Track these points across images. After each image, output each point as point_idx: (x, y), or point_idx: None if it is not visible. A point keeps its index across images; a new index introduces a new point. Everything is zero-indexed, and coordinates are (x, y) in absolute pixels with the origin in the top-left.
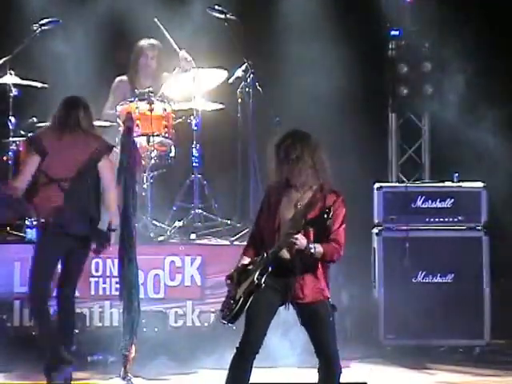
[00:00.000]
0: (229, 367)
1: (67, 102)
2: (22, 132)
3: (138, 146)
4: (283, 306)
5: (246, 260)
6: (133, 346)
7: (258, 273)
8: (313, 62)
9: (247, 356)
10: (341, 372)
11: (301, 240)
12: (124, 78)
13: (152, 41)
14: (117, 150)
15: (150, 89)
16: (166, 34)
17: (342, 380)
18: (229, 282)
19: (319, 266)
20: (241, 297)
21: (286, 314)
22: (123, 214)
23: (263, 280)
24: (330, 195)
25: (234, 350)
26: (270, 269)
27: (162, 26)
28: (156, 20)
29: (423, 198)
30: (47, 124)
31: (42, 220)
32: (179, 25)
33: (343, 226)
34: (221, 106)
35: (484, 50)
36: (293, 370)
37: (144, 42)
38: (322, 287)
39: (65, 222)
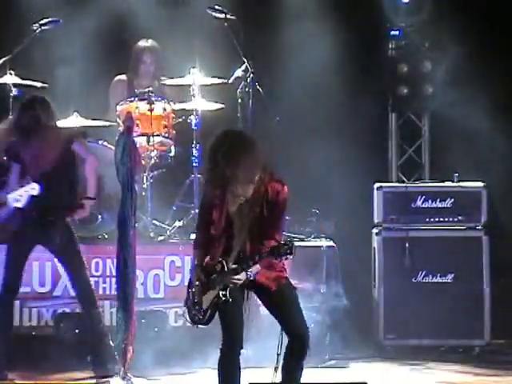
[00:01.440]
0: (220, 368)
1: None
2: None
3: (138, 145)
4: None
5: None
6: (131, 345)
7: (221, 289)
8: (312, 62)
9: (235, 353)
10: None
11: (240, 279)
12: (123, 77)
13: (151, 42)
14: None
15: (150, 88)
16: None
17: (341, 380)
18: (197, 283)
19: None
20: (208, 309)
21: None
22: (121, 214)
23: (228, 295)
24: (272, 185)
25: (218, 352)
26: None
27: None
28: None
29: (423, 197)
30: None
31: None
32: (179, 25)
33: (283, 218)
34: (221, 106)
35: (484, 50)
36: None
37: (143, 44)
38: (278, 272)
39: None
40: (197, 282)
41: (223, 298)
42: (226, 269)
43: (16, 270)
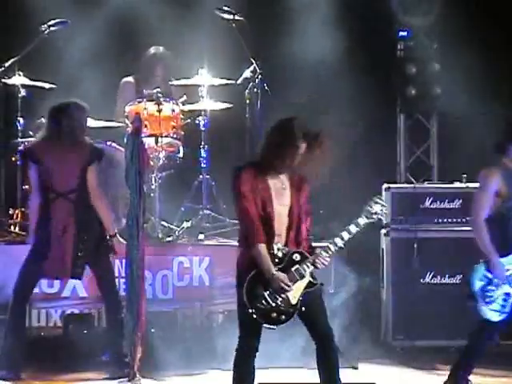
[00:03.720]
0: (241, 368)
1: (53, 111)
2: (31, 133)
3: (147, 146)
4: None
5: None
6: (140, 346)
7: (307, 273)
8: (320, 63)
9: (254, 354)
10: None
11: (330, 256)
12: (130, 79)
13: (163, 52)
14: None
15: (158, 89)
16: None
17: (350, 380)
18: (290, 282)
19: None
20: (297, 302)
21: None
22: (129, 215)
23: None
24: (298, 175)
25: (240, 352)
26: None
27: None
28: None
29: (431, 198)
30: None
31: None
32: (187, 26)
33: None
34: (229, 107)
35: (493, 50)
36: (292, 370)
37: (155, 55)
38: None
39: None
40: (284, 283)
41: (317, 284)
42: (309, 254)
43: (35, 272)
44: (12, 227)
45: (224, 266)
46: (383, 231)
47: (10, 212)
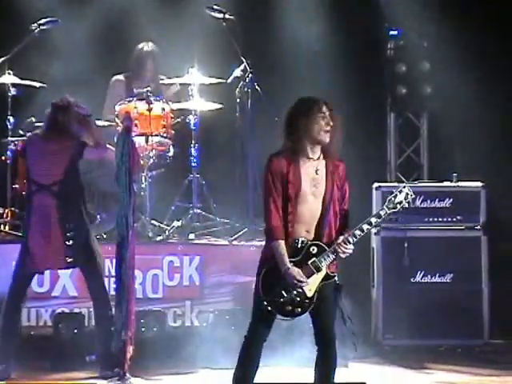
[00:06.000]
0: (248, 356)
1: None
2: (21, 132)
3: (137, 145)
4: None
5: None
6: (130, 345)
7: (324, 265)
8: (311, 62)
9: (262, 341)
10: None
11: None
12: (120, 77)
13: (152, 47)
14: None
15: (149, 88)
16: None
17: (340, 380)
18: (304, 278)
19: None
20: (313, 295)
21: None
22: (119, 214)
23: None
24: (336, 162)
25: (249, 340)
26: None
27: None
28: None
29: (422, 197)
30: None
31: None
32: (177, 25)
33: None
34: (219, 106)
35: (483, 49)
36: (292, 370)
37: (145, 49)
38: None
39: None
40: (297, 278)
41: (334, 276)
42: (328, 245)
43: (26, 266)
44: (2, 226)
45: (214, 266)
46: (373, 230)
47: (0, 211)
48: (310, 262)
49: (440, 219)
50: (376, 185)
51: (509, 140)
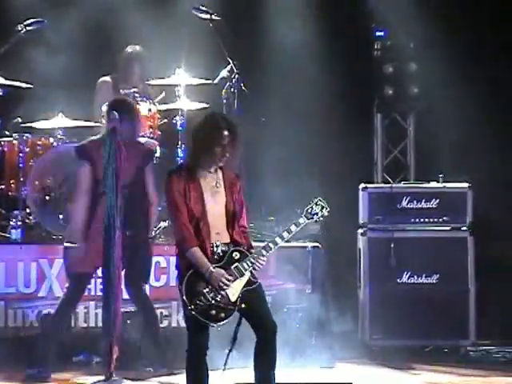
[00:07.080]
0: (193, 368)
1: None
2: (7, 132)
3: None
4: None
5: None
6: (116, 346)
7: (249, 273)
8: (298, 63)
9: (203, 353)
10: None
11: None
12: (107, 78)
13: (139, 50)
14: None
15: (135, 89)
16: None
17: (327, 380)
18: (231, 278)
19: None
20: (237, 300)
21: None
22: (106, 215)
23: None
24: (232, 176)
25: (190, 352)
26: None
27: None
28: None
29: (408, 198)
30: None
31: None
32: (164, 25)
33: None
34: (206, 107)
35: (469, 50)
36: (292, 370)
37: (133, 53)
38: None
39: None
40: (224, 278)
41: (256, 282)
42: (249, 252)
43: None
44: None
45: None
46: (360, 231)
47: None
48: (233, 267)
49: (427, 220)
50: (363, 185)
51: (495, 140)
